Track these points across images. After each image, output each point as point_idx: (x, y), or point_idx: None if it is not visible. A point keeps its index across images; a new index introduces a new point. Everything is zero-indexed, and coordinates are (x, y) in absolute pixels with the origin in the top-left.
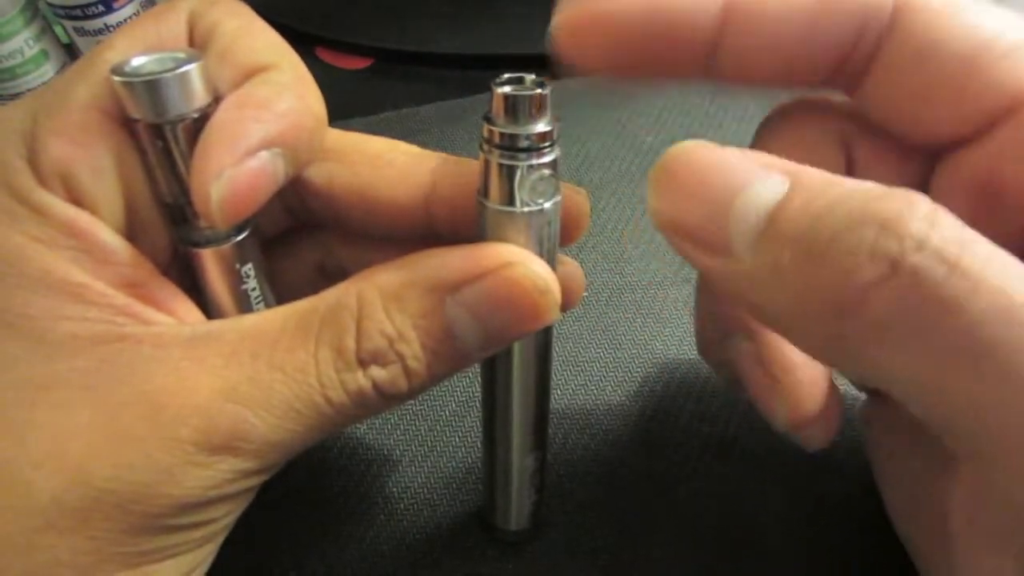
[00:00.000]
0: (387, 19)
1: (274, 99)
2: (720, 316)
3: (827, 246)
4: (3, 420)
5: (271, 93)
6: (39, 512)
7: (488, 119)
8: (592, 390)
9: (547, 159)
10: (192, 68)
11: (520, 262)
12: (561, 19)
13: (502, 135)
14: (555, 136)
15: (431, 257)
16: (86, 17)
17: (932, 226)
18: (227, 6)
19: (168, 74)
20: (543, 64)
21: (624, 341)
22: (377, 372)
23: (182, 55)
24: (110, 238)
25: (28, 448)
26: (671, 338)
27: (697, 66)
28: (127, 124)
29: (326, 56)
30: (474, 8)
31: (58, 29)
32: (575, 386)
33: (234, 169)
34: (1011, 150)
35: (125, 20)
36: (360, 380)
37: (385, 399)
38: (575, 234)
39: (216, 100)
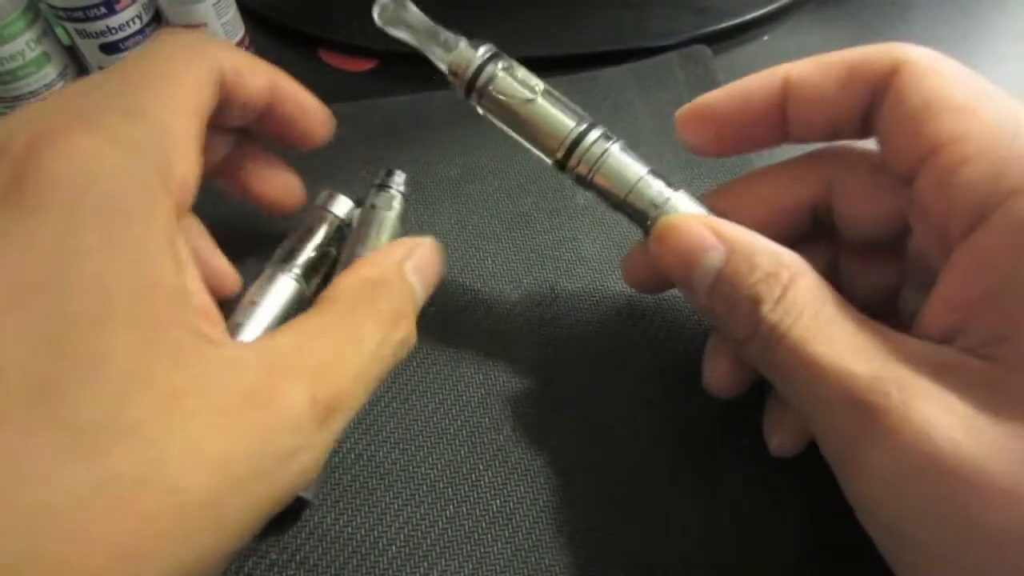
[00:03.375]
0: None
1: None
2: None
3: (736, 306)
4: (143, 429)
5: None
6: (188, 508)
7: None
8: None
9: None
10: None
11: (427, 243)
12: (679, 114)
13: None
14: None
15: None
16: (88, 19)
17: (784, 293)
18: None
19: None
20: (548, 65)
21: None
22: (405, 325)
23: None
24: (196, 282)
25: (169, 453)
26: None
27: (776, 134)
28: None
29: (330, 58)
30: (478, 10)
31: (59, 31)
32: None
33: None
34: (920, 189)
35: (128, 22)
36: (397, 334)
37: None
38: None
39: None
